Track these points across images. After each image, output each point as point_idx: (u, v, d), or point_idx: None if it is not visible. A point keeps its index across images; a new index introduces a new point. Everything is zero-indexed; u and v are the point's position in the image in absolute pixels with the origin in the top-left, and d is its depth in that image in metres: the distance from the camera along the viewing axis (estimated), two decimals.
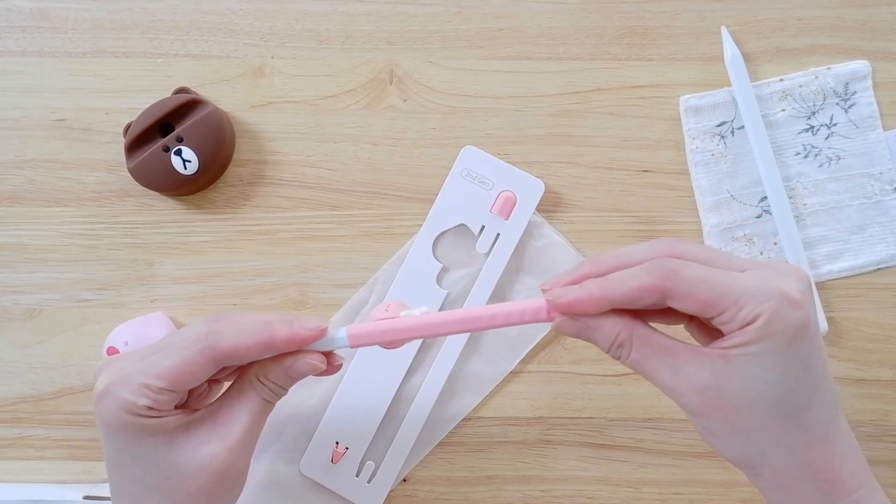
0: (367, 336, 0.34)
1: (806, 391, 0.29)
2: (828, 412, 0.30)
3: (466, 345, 0.46)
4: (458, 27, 0.49)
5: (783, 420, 0.29)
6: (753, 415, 0.29)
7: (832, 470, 0.30)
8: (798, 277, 0.30)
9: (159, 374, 0.32)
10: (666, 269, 0.29)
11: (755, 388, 0.29)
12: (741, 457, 0.31)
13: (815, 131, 0.48)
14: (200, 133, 0.46)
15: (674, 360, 0.30)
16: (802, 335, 0.29)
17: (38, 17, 0.49)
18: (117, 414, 0.32)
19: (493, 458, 0.47)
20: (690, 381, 0.30)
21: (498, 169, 0.47)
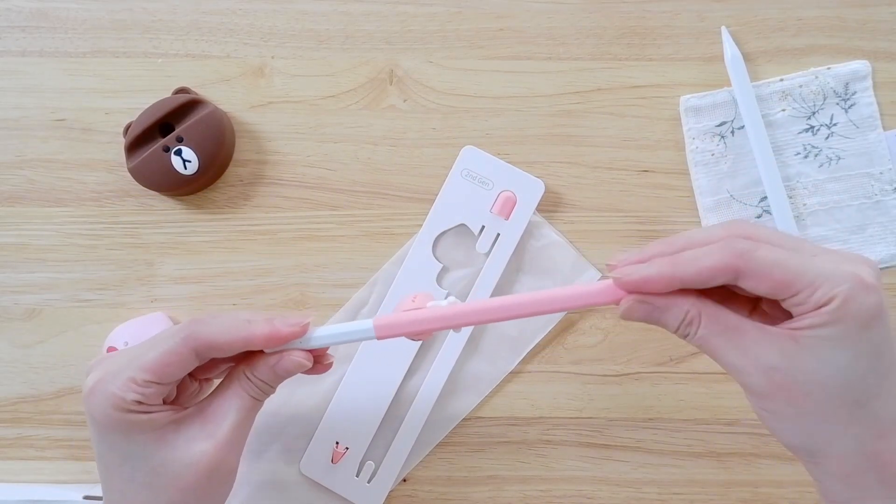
0: (395, 327, 0.34)
1: (876, 378, 0.29)
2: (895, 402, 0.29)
3: (466, 345, 0.46)
4: (458, 27, 0.49)
5: (852, 406, 0.29)
6: (822, 399, 0.28)
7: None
8: (870, 264, 0.29)
9: (143, 366, 0.32)
10: (739, 248, 0.28)
11: (825, 371, 0.28)
12: (805, 443, 0.30)
13: (815, 131, 0.48)
14: (200, 133, 0.46)
15: (742, 338, 0.30)
16: (875, 320, 0.28)
17: (38, 17, 0.49)
18: (106, 411, 0.32)
19: (493, 458, 0.47)
20: (758, 360, 0.29)
21: (498, 169, 0.47)
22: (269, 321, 0.34)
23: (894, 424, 0.29)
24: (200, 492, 0.34)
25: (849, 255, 0.30)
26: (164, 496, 0.33)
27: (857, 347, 0.28)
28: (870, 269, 0.29)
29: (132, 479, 0.33)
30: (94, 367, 0.34)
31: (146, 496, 0.33)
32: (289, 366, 0.34)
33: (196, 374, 0.37)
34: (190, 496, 0.33)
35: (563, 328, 0.47)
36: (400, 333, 0.34)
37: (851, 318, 0.28)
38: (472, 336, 0.47)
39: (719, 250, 0.29)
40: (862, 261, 0.29)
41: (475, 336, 0.47)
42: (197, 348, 0.33)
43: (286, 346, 0.35)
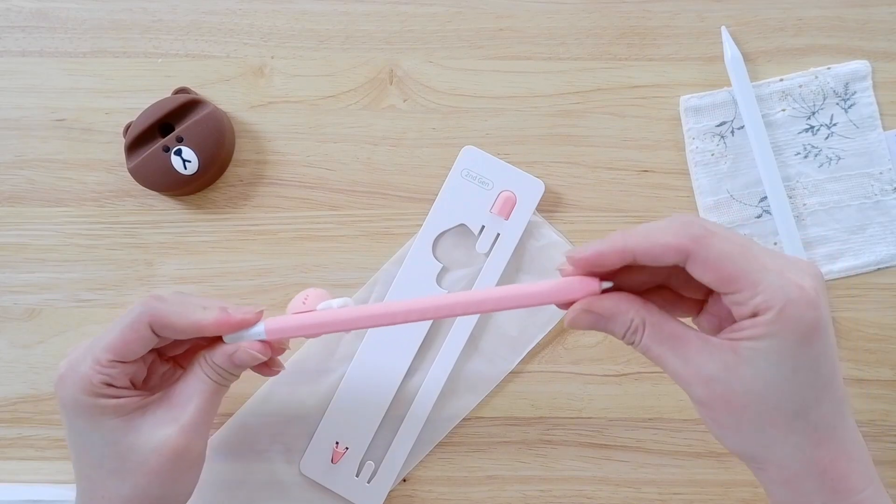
0: (284, 330, 0.35)
1: (815, 389, 0.29)
2: (837, 411, 0.30)
3: (467, 344, 0.46)
4: (458, 27, 0.49)
5: (791, 417, 0.29)
6: (760, 410, 0.29)
7: (838, 469, 0.30)
8: (814, 274, 0.29)
9: (105, 346, 0.33)
10: (694, 232, 0.29)
11: (763, 383, 0.28)
12: (747, 451, 0.30)
13: (815, 131, 0.48)
14: (200, 133, 0.46)
15: (684, 348, 0.30)
16: (814, 334, 0.28)
17: (38, 17, 0.49)
18: (75, 396, 0.33)
19: (493, 458, 0.47)
20: (699, 370, 0.29)
21: (498, 169, 0.47)
22: (223, 309, 0.35)
23: (833, 432, 0.30)
24: (166, 476, 0.34)
25: (796, 263, 0.30)
26: (131, 481, 0.34)
27: (795, 361, 0.28)
28: (813, 281, 0.29)
29: (100, 466, 0.34)
30: (67, 354, 0.35)
31: (113, 482, 0.34)
32: (244, 357, 0.35)
33: (164, 351, 0.38)
34: (155, 481, 0.34)
35: (564, 328, 0.47)
36: (290, 336, 0.35)
37: (789, 332, 0.28)
38: (472, 336, 0.47)
39: (674, 230, 0.29)
40: (808, 271, 0.29)
41: (475, 336, 0.47)
42: (152, 324, 0.34)
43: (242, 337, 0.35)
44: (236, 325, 0.35)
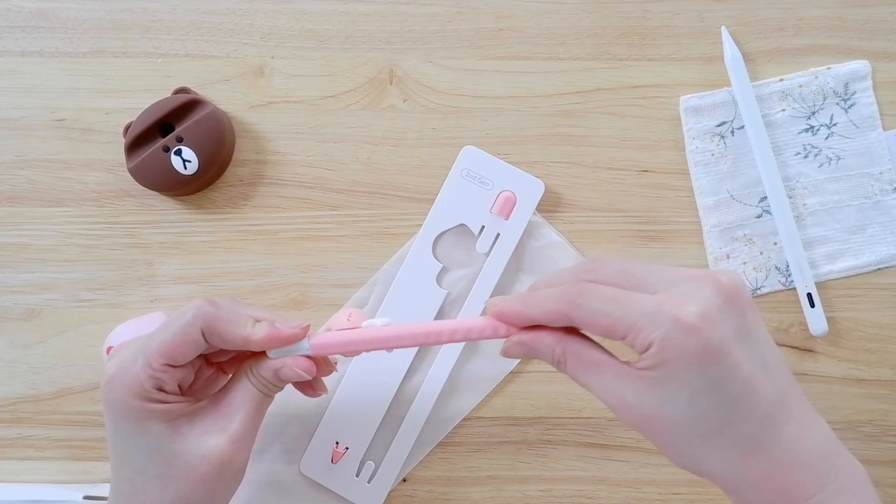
0: (327, 346, 0.35)
1: (723, 410, 0.29)
2: (757, 425, 0.29)
3: (467, 345, 0.46)
4: (458, 27, 0.49)
5: (705, 437, 0.29)
6: (677, 432, 0.30)
7: (775, 481, 0.29)
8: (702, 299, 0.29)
9: (158, 350, 0.33)
10: (571, 297, 0.30)
11: (669, 409, 0.29)
12: (686, 465, 0.31)
13: (815, 131, 0.48)
14: (200, 133, 0.46)
15: (603, 376, 0.31)
16: (703, 359, 0.28)
17: (38, 17, 0.49)
18: (125, 399, 0.33)
19: (493, 458, 0.47)
20: (618, 397, 0.30)
21: (498, 169, 0.47)
22: (272, 324, 0.35)
23: (760, 447, 0.29)
24: (210, 485, 0.34)
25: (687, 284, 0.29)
26: (174, 488, 0.33)
27: (691, 386, 0.28)
28: (699, 306, 0.28)
29: (144, 471, 0.34)
30: (114, 352, 0.35)
31: (156, 487, 0.34)
32: (289, 374, 0.35)
33: (210, 357, 0.38)
34: (200, 489, 0.34)
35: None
36: (334, 352, 0.35)
37: (673, 362, 0.28)
38: None
39: (555, 296, 0.31)
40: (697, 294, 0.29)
41: None
42: (204, 328, 0.34)
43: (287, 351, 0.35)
44: (284, 341, 0.35)
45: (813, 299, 0.46)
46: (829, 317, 0.47)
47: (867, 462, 0.47)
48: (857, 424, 0.47)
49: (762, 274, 0.47)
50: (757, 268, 0.47)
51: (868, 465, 0.47)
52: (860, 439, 0.46)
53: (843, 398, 0.47)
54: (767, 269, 0.47)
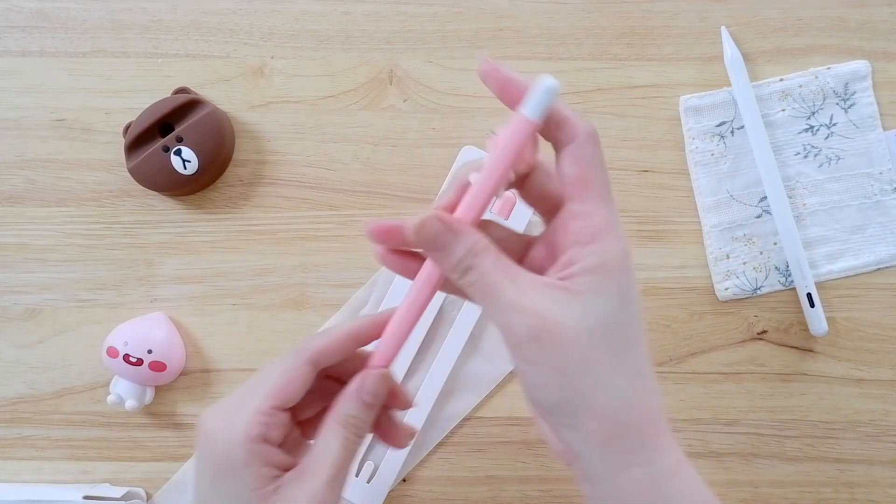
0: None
1: (632, 331, 0.29)
2: (648, 360, 0.29)
3: (466, 344, 0.46)
4: (458, 27, 0.49)
5: (613, 354, 0.28)
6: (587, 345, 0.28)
7: (653, 423, 0.29)
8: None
9: (266, 392, 0.31)
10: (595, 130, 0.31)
11: (594, 317, 0.28)
12: (565, 398, 0.29)
13: (814, 131, 0.48)
14: (200, 133, 0.46)
15: (519, 278, 0.29)
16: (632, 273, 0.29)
17: (38, 17, 0.49)
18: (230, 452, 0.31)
19: (493, 458, 0.47)
20: (532, 303, 0.28)
21: None
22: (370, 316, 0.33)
23: (647, 381, 0.29)
24: None
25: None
26: None
27: (621, 297, 0.29)
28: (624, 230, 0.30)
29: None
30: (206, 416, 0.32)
31: None
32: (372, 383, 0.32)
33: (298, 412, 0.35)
34: None
35: None
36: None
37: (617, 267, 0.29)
38: (472, 336, 0.47)
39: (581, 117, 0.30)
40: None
41: (475, 336, 0.47)
42: (311, 358, 0.32)
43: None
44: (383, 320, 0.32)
45: (813, 299, 0.46)
46: (829, 317, 0.47)
47: (867, 462, 0.47)
48: (857, 424, 0.47)
49: (762, 274, 0.47)
50: (757, 268, 0.47)
51: (868, 465, 0.47)
52: (860, 439, 0.46)
53: (843, 398, 0.47)
54: (767, 269, 0.47)
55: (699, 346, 0.47)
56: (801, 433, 0.47)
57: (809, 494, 0.46)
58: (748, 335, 0.47)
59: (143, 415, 0.47)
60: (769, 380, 0.47)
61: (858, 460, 0.46)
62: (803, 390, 0.47)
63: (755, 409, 0.47)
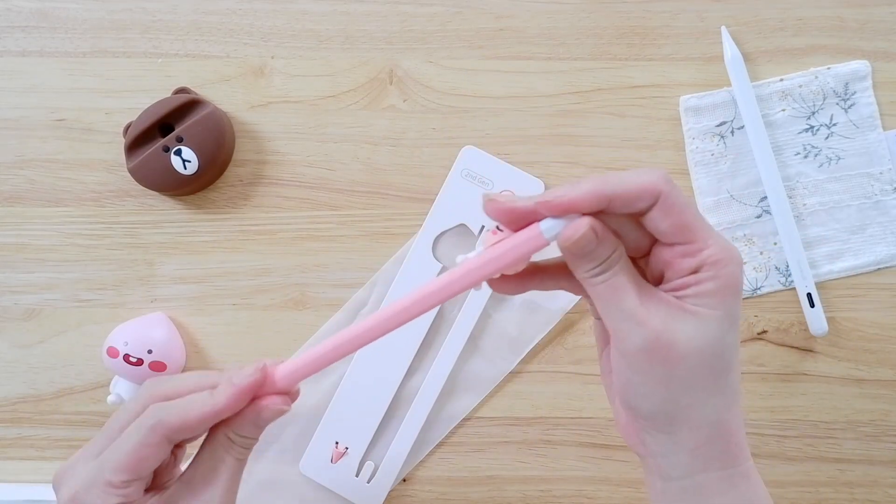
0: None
1: (734, 352, 0.30)
2: (739, 377, 0.31)
3: (467, 344, 0.46)
4: (458, 27, 0.49)
5: (717, 375, 0.30)
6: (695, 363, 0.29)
7: (738, 434, 0.31)
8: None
9: (118, 466, 0.30)
10: (667, 176, 0.29)
11: (704, 339, 0.29)
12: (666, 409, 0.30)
13: (814, 131, 0.48)
14: (200, 133, 0.46)
15: (644, 288, 0.30)
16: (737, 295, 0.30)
17: (38, 17, 0.49)
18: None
19: (493, 458, 0.47)
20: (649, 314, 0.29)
21: (498, 169, 0.47)
22: (229, 382, 0.32)
23: (739, 397, 0.31)
24: None
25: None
26: None
27: (730, 320, 0.29)
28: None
29: None
30: (60, 481, 0.31)
31: None
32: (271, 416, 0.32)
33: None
34: None
35: (564, 328, 0.47)
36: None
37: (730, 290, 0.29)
38: (472, 336, 0.47)
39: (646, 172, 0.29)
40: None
41: (475, 336, 0.47)
42: (167, 435, 0.31)
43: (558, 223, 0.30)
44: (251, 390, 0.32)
45: (813, 299, 0.46)
46: (829, 317, 0.47)
47: (867, 462, 0.47)
48: (857, 424, 0.47)
49: (762, 274, 0.47)
50: (757, 268, 0.47)
51: (868, 465, 0.47)
52: (860, 439, 0.46)
53: (843, 398, 0.47)
54: (767, 269, 0.47)
55: None
56: (801, 433, 0.47)
57: (809, 494, 0.46)
58: (748, 335, 0.47)
59: None
60: (769, 380, 0.47)
61: (858, 460, 0.46)
62: (803, 390, 0.47)
63: (755, 409, 0.47)
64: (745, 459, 0.31)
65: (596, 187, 0.29)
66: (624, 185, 0.29)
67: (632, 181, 0.29)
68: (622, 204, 0.29)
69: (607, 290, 0.30)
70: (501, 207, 0.30)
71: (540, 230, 0.29)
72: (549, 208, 0.29)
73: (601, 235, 0.29)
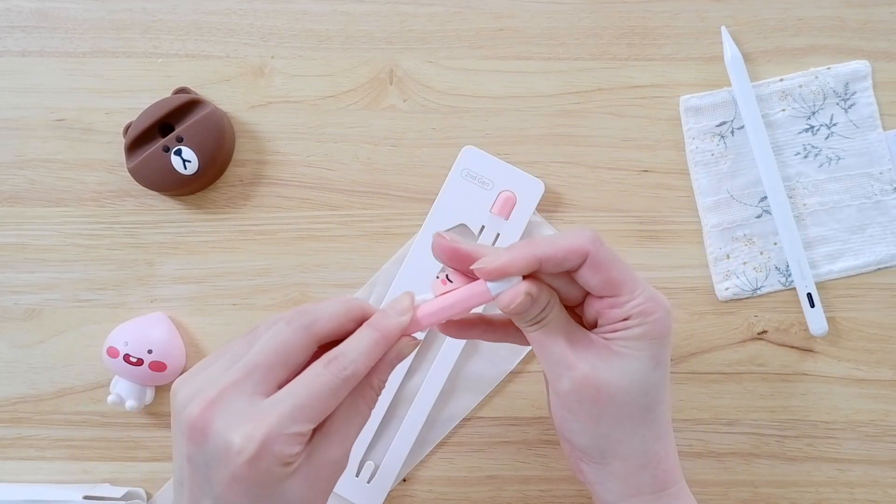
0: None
1: (662, 388, 0.33)
2: (669, 411, 0.34)
3: (467, 344, 0.46)
4: (458, 27, 0.49)
5: (644, 410, 0.33)
6: (622, 402, 0.32)
7: (668, 461, 0.34)
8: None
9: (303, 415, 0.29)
10: (594, 236, 0.32)
11: (630, 378, 0.32)
12: (598, 445, 0.33)
13: (815, 131, 0.48)
14: (200, 133, 0.46)
15: (574, 334, 0.33)
16: (668, 338, 0.33)
17: (38, 17, 0.49)
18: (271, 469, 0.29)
19: (493, 458, 0.47)
20: (579, 358, 0.32)
21: (498, 169, 0.47)
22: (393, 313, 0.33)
23: (668, 427, 0.34)
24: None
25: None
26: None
27: (655, 360, 0.32)
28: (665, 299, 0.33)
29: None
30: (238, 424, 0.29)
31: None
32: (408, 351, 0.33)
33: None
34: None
35: None
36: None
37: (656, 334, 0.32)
38: None
39: (574, 234, 0.32)
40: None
41: None
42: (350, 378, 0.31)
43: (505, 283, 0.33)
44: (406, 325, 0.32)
45: (813, 299, 0.46)
46: (829, 317, 0.47)
47: (867, 462, 0.47)
48: (857, 424, 0.47)
49: (762, 274, 0.47)
50: (757, 268, 0.47)
51: (868, 465, 0.47)
52: (860, 439, 0.46)
53: (843, 398, 0.47)
54: (767, 269, 0.47)
55: (699, 346, 0.47)
56: (801, 433, 0.47)
57: (809, 494, 0.46)
58: (748, 335, 0.47)
59: (143, 415, 0.47)
60: (769, 380, 0.47)
61: (858, 460, 0.46)
62: (803, 390, 0.47)
63: (755, 409, 0.47)
64: (674, 483, 0.34)
65: (528, 252, 0.31)
66: (554, 248, 0.31)
67: (560, 244, 0.32)
68: (553, 265, 0.32)
69: (541, 337, 0.33)
70: (447, 246, 0.32)
71: (486, 287, 0.32)
72: (487, 274, 0.32)
73: (536, 296, 0.32)
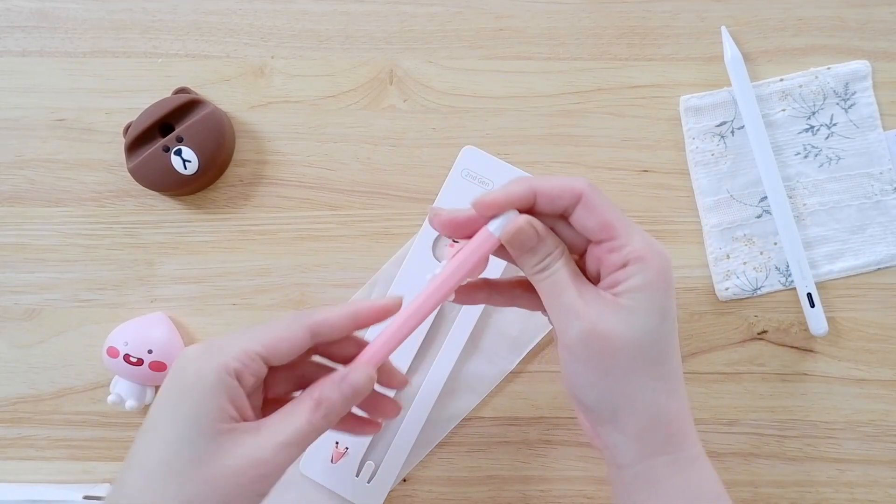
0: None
1: (671, 340, 0.32)
2: (680, 367, 0.33)
3: (467, 344, 0.46)
4: (458, 27, 0.49)
5: (653, 363, 0.32)
6: (632, 354, 0.31)
7: (682, 421, 0.33)
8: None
9: (258, 338, 0.32)
10: (587, 180, 0.32)
11: (639, 330, 0.31)
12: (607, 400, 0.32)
13: (815, 131, 0.48)
14: (200, 133, 0.46)
15: (583, 284, 0.33)
16: (672, 287, 0.32)
17: (38, 17, 0.49)
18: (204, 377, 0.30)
19: (493, 458, 0.47)
20: (588, 307, 0.32)
21: (498, 169, 0.47)
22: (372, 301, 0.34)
23: (679, 384, 0.33)
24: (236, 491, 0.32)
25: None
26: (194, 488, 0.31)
27: (662, 311, 0.32)
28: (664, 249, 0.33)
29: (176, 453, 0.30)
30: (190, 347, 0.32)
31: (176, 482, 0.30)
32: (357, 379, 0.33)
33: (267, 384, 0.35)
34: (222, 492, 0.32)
35: None
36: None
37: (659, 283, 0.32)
38: (472, 336, 0.47)
39: (570, 179, 0.32)
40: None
41: (475, 336, 0.47)
42: (312, 325, 0.32)
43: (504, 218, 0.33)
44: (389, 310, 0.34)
45: (813, 299, 0.46)
46: (829, 317, 0.47)
47: (867, 462, 0.47)
48: (857, 424, 0.47)
49: (762, 274, 0.47)
50: (757, 268, 0.47)
51: (868, 465, 0.47)
52: (860, 439, 0.46)
53: (843, 398, 0.47)
54: (767, 269, 0.47)
55: (699, 346, 0.47)
56: (801, 433, 0.47)
57: (809, 494, 0.46)
58: (748, 335, 0.47)
59: (143, 415, 0.47)
60: (769, 380, 0.47)
61: (858, 460, 0.46)
62: (803, 390, 0.47)
63: (755, 409, 0.47)
64: (690, 445, 0.33)
65: (524, 183, 0.32)
66: (549, 182, 0.32)
67: (555, 181, 0.32)
68: (547, 200, 0.32)
69: (549, 285, 0.33)
70: (444, 218, 0.33)
71: (489, 230, 0.32)
72: (483, 205, 0.32)
73: (541, 233, 0.32)
